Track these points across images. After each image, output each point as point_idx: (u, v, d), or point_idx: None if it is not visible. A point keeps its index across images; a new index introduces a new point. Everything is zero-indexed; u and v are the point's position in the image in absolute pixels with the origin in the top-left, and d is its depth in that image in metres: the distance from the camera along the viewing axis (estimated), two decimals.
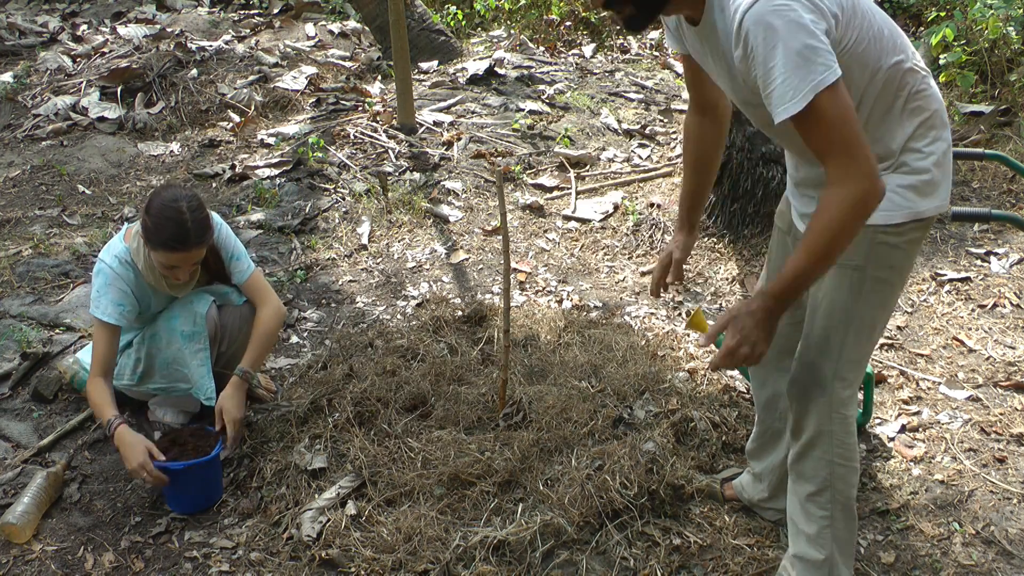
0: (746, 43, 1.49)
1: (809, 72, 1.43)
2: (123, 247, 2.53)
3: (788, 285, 1.55)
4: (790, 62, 1.44)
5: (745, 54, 1.51)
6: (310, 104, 5.62)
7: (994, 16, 4.85)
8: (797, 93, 1.44)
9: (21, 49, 6.73)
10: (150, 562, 2.28)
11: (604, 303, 3.43)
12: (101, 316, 2.46)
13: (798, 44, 1.43)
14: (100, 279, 2.49)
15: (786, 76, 1.44)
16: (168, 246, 2.36)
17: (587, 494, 2.26)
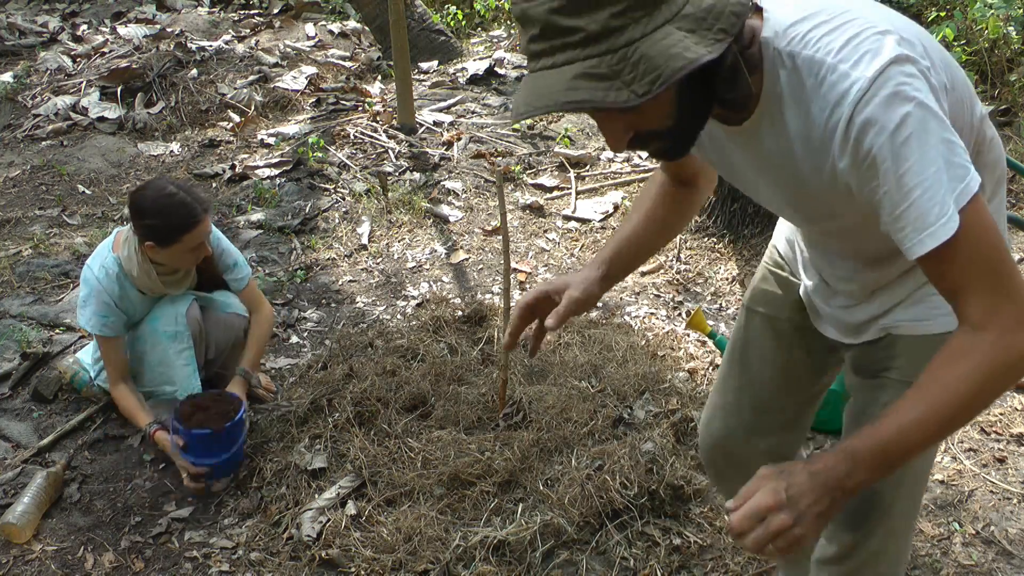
0: (858, 146, 1.05)
1: (953, 178, 1.02)
2: (112, 257, 2.52)
3: (888, 449, 1.06)
4: (929, 165, 1.01)
5: (856, 161, 1.06)
6: (310, 104, 5.62)
7: (994, 16, 4.85)
8: (944, 210, 1.01)
9: (21, 49, 6.73)
10: (150, 562, 2.28)
11: (604, 303, 3.42)
12: (93, 331, 2.54)
13: (935, 138, 1.02)
14: (85, 289, 2.54)
15: (926, 187, 1.01)
16: (186, 227, 2.40)
17: (587, 494, 2.26)
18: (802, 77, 1.09)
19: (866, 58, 1.04)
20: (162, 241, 2.42)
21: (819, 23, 1.08)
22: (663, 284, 3.55)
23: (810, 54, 1.07)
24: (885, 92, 1.03)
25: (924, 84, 1.04)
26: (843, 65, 1.05)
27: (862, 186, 1.08)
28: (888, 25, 1.08)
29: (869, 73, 1.03)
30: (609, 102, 0.98)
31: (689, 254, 3.76)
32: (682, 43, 0.98)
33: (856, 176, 1.08)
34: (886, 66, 1.03)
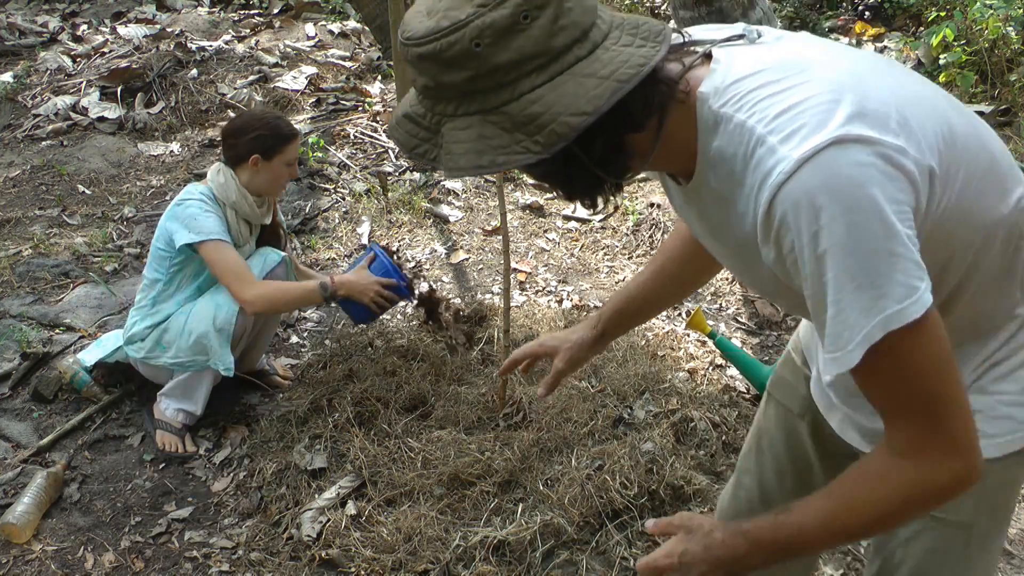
0: (779, 241, 0.92)
1: (879, 299, 0.87)
2: (204, 187, 2.65)
3: (785, 545, 1.03)
4: (848, 282, 0.88)
5: (780, 255, 0.94)
6: (310, 104, 5.62)
7: (994, 16, 4.85)
8: (852, 336, 0.89)
9: (21, 49, 6.73)
10: (150, 562, 2.28)
11: (604, 303, 3.42)
12: (215, 236, 2.52)
13: (867, 250, 0.86)
14: (193, 208, 2.55)
15: (841, 307, 0.89)
16: (292, 134, 2.65)
17: (587, 494, 2.26)
18: (733, 145, 0.94)
19: (801, 132, 0.88)
20: (268, 151, 2.60)
21: (768, 82, 0.94)
22: None
23: (742, 120, 0.93)
24: (811, 182, 0.87)
25: (875, 175, 0.86)
26: (772, 138, 0.90)
27: (791, 280, 0.97)
28: (852, 91, 0.90)
29: (797, 153, 0.87)
30: (423, 162, 0.97)
31: None
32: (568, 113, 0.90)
33: (782, 271, 0.96)
34: (822, 147, 0.86)
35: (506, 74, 0.90)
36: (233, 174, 2.64)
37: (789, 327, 3.23)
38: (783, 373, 1.44)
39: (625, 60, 0.90)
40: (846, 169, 0.86)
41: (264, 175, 2.64)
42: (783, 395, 1.43)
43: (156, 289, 2.66)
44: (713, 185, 1.01)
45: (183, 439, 2.66)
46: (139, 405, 2.87)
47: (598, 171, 0.98)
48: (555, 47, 0.90)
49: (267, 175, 2.65)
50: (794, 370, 1.40)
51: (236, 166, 2.64)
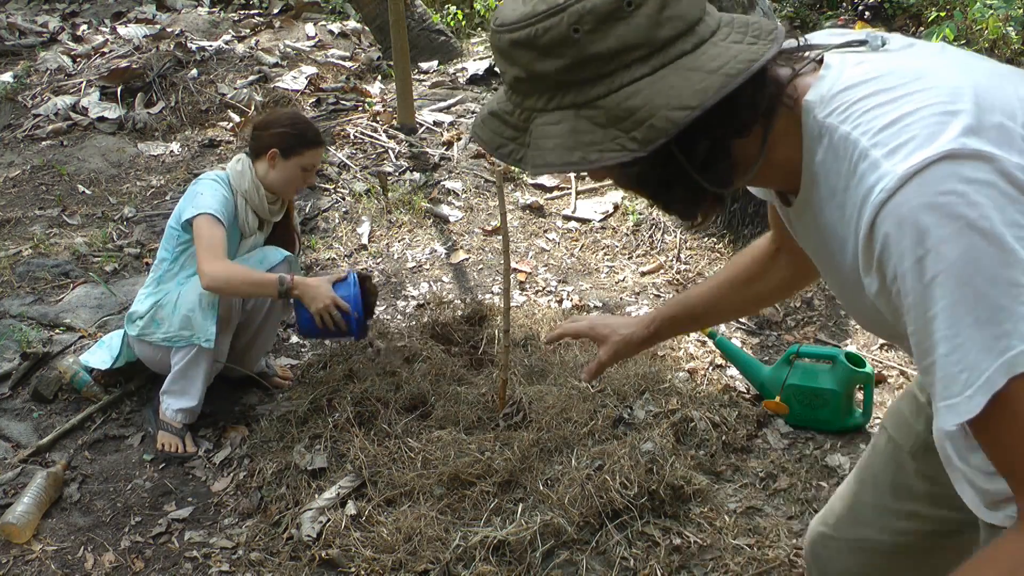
0: (882, 267, 0.82)
1: (1000, 337, 0.75)
2: (222, 172, 2.71)
3: None
4: (965, 315, 0.76)
5: (884, 284, 0.83)
6: (310, 104, 5.62)
7: (994, 16, 4.85)
8: (972, 379, 0.77)
9: (21, 49, 6.73)
10: (150, 562, 2.28)
11: (604, 303, 3.42)
12: (211, 211, 2.54)
13: (984, 279, 0.75)
14: (206, 186, 2.62)
15: (956, 344, 0.77)
16: (316, 141, 2.69)
17: (587, 494, 2.26)
18: (838, 160, 0.86)
19: (908, 146, 0.78)
20: (287, 150, 2.64)
21: (879, 90, 0.85)
22: (663, 284, 3.55)
23: (846, 131, 0.85)
24: (916, 200, 0.76)
25: (993, 194, 0.75)
26: (876, 151, 0.81)
27: (896, 314, 0.84)
28: (973, 102, 0.80)
29: (902, 169, 0.78)
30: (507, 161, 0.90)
31: (689, 254, 3.76)
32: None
33: (886, 302, 0.85)
34: (932, 161, 0.76)
35: (605, 64, 0.83)
36: (251, 165, 2.69)
37: (789, 327, 3.23)
38: (901, 406, 1.32)
39: (734, 55, 0.84)
40: (958, 186, 0.75)
41: (278, 173, 2.67)
42: (896, 429, 1.31)
43: (162, 268, 2.71)
44: (816, 204, 0.93)
45: (183, 439, 2.67)
46: (139, 405, 2.87)
47: (699, 177, 0.90)
48: (659, 38, 0.83)
49: (281, 173, 2.67)
50: (915, 407, 1.28)
51: (256, 158, 2.69)
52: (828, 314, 3.26)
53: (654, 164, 0.87)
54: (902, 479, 1.29)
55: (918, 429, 1.27)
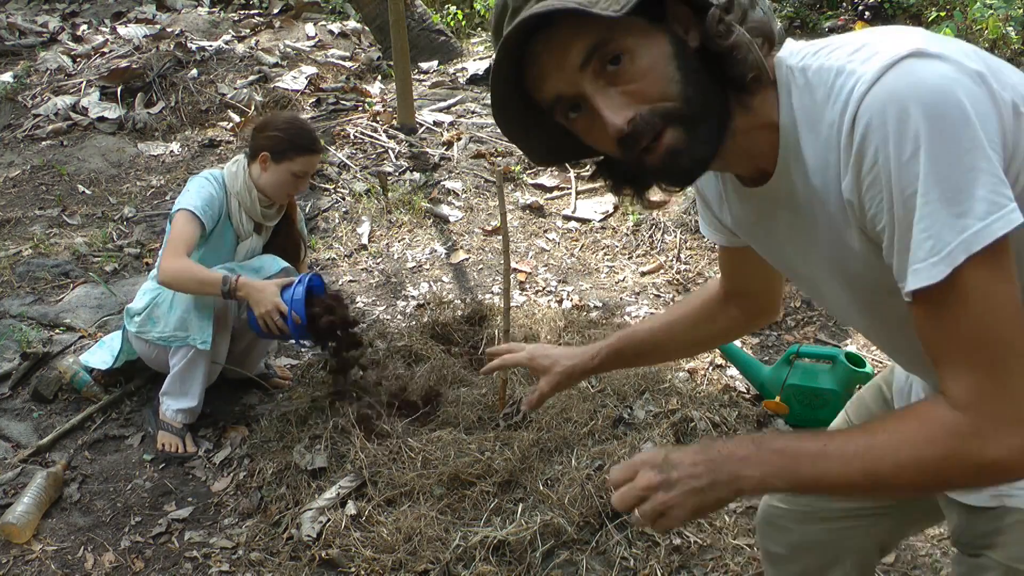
0: (863, 152, 0.84)
1: (961, 215, 0.80)
2: (219, 171, 2.69)
3: (797, 461, 0.90)
4: (934, 189, 0.80)
5: (859, 178, 0.86)
6: (310, 104, 5.62)
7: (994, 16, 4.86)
8: (940, 246, 0.81)
9: (21, 49, 6.73)
10: (150, 562, 2.28)
11: (604, 303, 3.42)
12: (190, 207, 2.53)
13: (952, 160, 0.80)
14: (195, 183, 2.61)
15: (927, 212, 0.81)
16: (309, 148, 2.64)
17: (587, 494, 2.26)
18: (814, 91, 0.90)
19: (881, 53, 0.84)
20: (278, 155, 2.61)
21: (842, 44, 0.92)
22: (663, 284, 3.55)
23: (820, 63, 0.91)
24: (896, 85, 0.81)
25: (963, 84, 0.80)
26: (851, 64, 0.87)
27: (864, 214, 0.88)
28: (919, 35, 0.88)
29: (877, 66, 0.83)
30: (593, 10, 0.85)
31: (689, 254, 3.76)
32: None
33: (858, 201, 0.87)
34: (903, 57, 0.82)
35: None
36: (246, 166, 2.68)
37: (789, 327, 3.23)
38: (865, 396, 1.39)
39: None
40: (932, 75, 0.81)
41: (269, 176, 2.65)
42: (856, 416, 1.39)
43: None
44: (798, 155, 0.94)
45: (183, 439, 2.67)
46: (139, 405, 2.87)
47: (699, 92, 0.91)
48: None
49: (271, 177, 2.65)
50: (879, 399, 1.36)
51: (251, 159, 2.68)
52: (828, 314, 3.26)
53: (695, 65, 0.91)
54: None
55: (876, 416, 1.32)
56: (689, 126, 0.91)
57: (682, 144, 0.91)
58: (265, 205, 2.73)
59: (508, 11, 0.94)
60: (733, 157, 0.98)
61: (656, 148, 0.92)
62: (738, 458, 0.91)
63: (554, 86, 0.94)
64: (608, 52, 0.90)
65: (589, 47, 0.90)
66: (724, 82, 0.92)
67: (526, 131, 1.02)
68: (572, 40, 0.90)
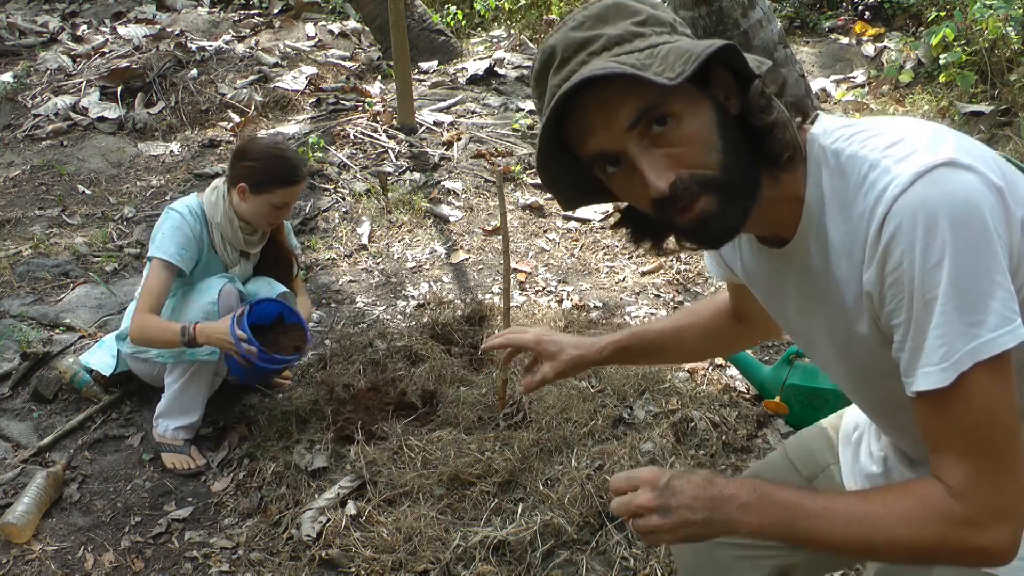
0: (888, 251, 0.89)
1: (973, 325, 0.86)
2: (196, 201, 2.60)
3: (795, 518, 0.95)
4: (953, 299, 0.86)
5: (881, 274, 0.90)
6: (310, 104, 5.62)
7: (994, 16, 4.86)
8: (951, 353, 0.87)
9: (21, 49, 6.73)
10: (150, 562, 2.28)
11: (604, 303, 3.42)
12: (164, 256, 2.46)
13: (973, 273, 0.86)
14: (168, 223, 2.52)
15: (943, 320, 0.87)
16: (288, 180, 2.53)
17: (587, 494, 2.26)
18: (845, 176, 0.94)
19: (914, 156, 0.89)
20: (256, 187, 2.52)
21: (871, 127, 0.96)
22: (663, 284, 3.55)
23: (855, 150, 0.94)
24: (928, 194, 0.86)
25: (989, 200, 0.86)
26: (887, 160, 0.91)
27: (882, 307, 0.93)
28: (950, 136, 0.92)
29: (912, 169, 0.88)
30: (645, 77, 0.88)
31: (689, 254, 3.76)
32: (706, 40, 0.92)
33: (879, 295, 0.92)
34: (938, 164, 0.87)
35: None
36: (226, 194, 2.59)
37: None
38: (807, 436, 1.43)
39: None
40: (962, 188, 0.86)
41: (249, 206, 2.56)
42: (798, 457, 1.42)
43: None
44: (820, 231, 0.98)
45: (189, 454, 2.62)
46: (139, 405, 2.87)
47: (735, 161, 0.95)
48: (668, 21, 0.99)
49: (251, 208, 2.56)
50: (823, 442, 1.40)
51: (231, 187, 2.58)
52: None
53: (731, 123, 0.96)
54: None
55: (819, 462, 1.38)
56: (724, 195, 0.94)
57: (715, 211, 0.95)
58: (247, 232, 2.65)
59: (556, 60, 0.96)
60: (755, 221, 1.00)
61: (690, 211, 0.95)
62: (739, 503, 0.96)
63: (598, 142, 0.96)
64: (657, 115, 0.93)
65: (640, 110, 0.92)
66: (760, 155, 0.96)
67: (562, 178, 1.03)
68: (624, 101, 0.92)
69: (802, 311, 1.10)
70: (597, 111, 0.94)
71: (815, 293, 1.04)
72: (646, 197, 0.95)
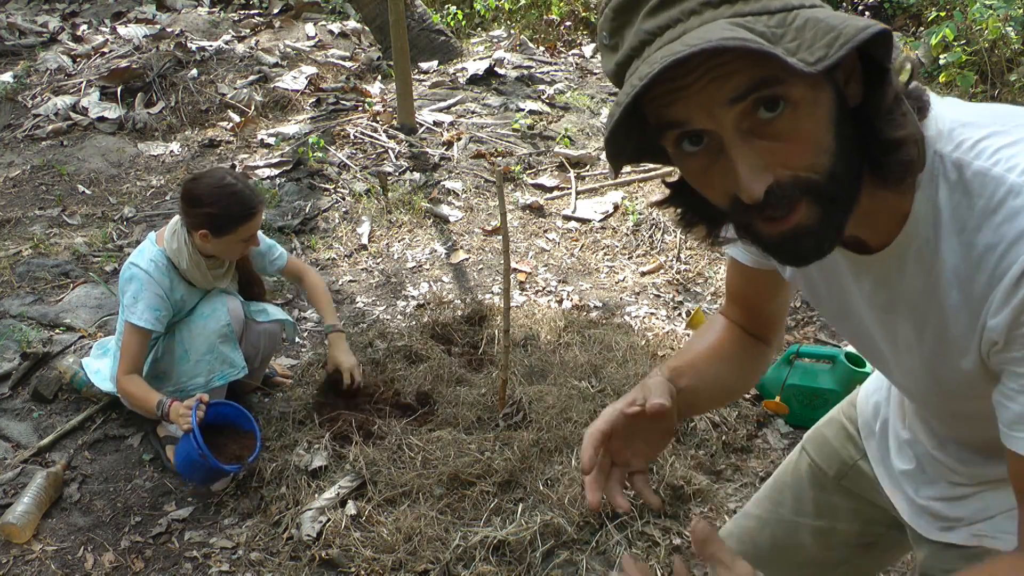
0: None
1: None
2: (157, 250, 2.52)
3: None
4: None
5: (1015, 321, 0.80)
6: (310, 104, 5.62)
7: (994, 16, 4.86)
8: None
9: (21, 49, 6.73)
10: (150, 562, 2.28)
11: (604, 303, 3.42)
12: (137, 322, 2.44)
13: None
14: (135, 285, 2.47)
15: None
16: (245, 217, 2.45)
17: None
18: (971, 196, 0.80)
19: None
20: (217, 230, 2.44)
21: (995, 131, 0.81)
22: (663, 284, 3.55)
23: (986, 167, 0.80)
24: None
25: None
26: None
27: (1006, 352, 0.83)
28: None
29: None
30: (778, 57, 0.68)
31: (689, 254, 3.76)
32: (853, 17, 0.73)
33: (1005, 338, 0.82)
34: None
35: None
36: (187, 238, 2.50)
37: (789, 327, 3.23)
38: (826, 433, 1.36)
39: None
40: None
41: (215, 247, 2.50)
42: (820, 455, 1.36)
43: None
44: (925, 247, 0.85)
45: None
46: None
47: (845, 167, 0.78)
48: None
49: (217, 248, 2.50)
50: (842, 437, 1.33)
51: (191, 231, 2.50)
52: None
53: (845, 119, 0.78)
54: (825, 499, 1.36)
55: (843, 456, 1.33)
56: (827, 206, 0.78)
57: (814, 225, 0.78)
58: (215, 267, 2.60)
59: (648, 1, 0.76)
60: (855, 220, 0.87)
61: (783, 222, 0.78)
62: None
63: (686, 112, 0.75)
64: (768, 95, 0.73)
65: (751, 84, 0.72)
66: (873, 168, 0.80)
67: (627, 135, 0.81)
68: (735, 70, 0.72)
69: (873, 320, 0.97)
70: (695, 73, 0.73)
71: (895, 309, 0.93)
72: (727, 194, 0.78)
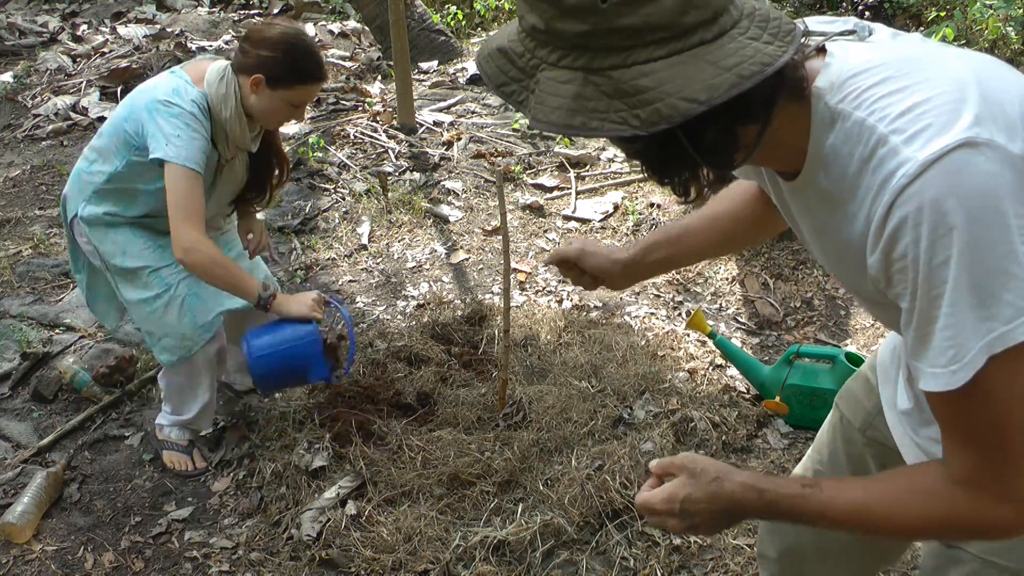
0: (891, 246, 0.86)
1: (987, 319, 0.83)
2: (198, 92, 2.20)
3: (800, 518, 1.01)
4: (964, 297, 0.83)
5: (887, 261, 0.88)
6: (310, 104, 5.62)
7: (994, 16, 4.86)
8: (960, 355, 0.85)
9: (21, 49, 6.73)
10: (150, 562, 2.28)
11: (604, 303, 3.42)
12: (186, 163, 2.11)
13: (985, 268, 0.82)
14: (179, 120, 2.13)
15: (952, 321, 0.84)
16: (311, 77, 2.22)
17: (587, 494, 2.26)
18: (850, 144, 0.89)
19: (926, 133, 0.83)
20: (275, 80, 2.19)
21: (886, 78, 0.89)
22: (663, 284, 3.55)
23: (861, 117, 0.88)
24: (938, 187, 0.81)
25: (1005, 184, 0.81)
26: (895, 137, 0.85)
27: (888, 289, 0.91)
28: (976, 91, 0.85)
29: (923, 155, 0.82)
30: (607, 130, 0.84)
31: None
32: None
33: (884, 277, 0.90)
34: (949, 150, 0.81)
35: (625, 39, 0.82)
36: (237, 87, 2.22)
37: (789, 327, 3.23)
38: (853, 387, 1.42)
39: (751, 56, 0.83)
40: (976, 177, 0.81)
41: (261, 101, 2.22)
42: (848, 408, 1.42)
43: (105, 175, 2.31)
44: (823, 185, 0.95)
45: (191, 455, 2.60)
46: (139, 405, 2.87)
47: (700, 159, 0.90)
48: (683, 24, 0.82)
49: (263, 103, 2.23)
50: (867, 388, 1.38)
51: (240, 72, 2.22)
52: (828, 314, 3.26)
53: (657, 143, 0.88)
54: (855, 452, 1.41)
55: (867, 407, 1.38)
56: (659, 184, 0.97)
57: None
58: (250, 129, 2.31)
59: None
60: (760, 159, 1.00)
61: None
62: (747, 511, 1.05)
63: None
64: None
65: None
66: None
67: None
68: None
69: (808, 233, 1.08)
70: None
71: (816, 228, 1.04)
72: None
